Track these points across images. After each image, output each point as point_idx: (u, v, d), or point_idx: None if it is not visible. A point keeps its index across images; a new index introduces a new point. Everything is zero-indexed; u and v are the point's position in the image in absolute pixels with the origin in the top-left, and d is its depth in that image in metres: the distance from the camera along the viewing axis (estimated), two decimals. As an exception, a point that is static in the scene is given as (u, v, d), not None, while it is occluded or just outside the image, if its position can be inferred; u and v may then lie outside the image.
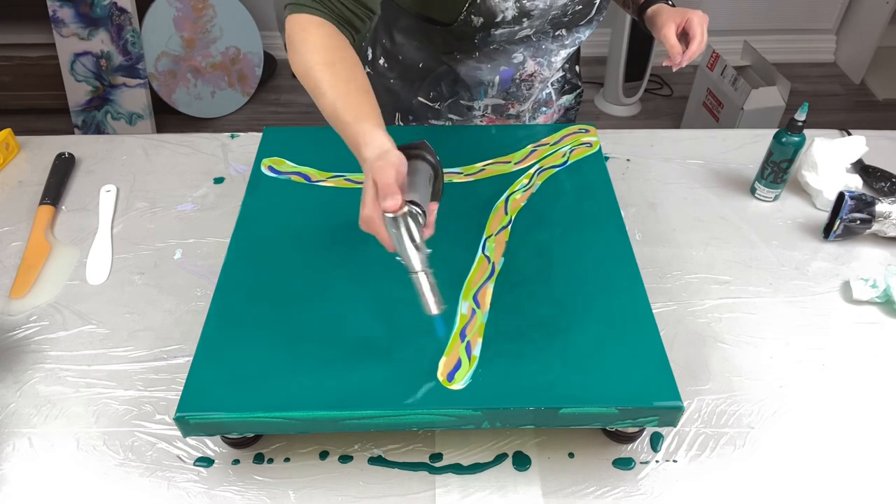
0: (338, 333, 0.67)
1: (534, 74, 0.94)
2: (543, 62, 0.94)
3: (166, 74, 2.40)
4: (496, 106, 0.98)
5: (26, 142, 1.10)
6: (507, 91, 0.96)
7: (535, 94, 0.98)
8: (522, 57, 0.92)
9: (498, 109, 0.98)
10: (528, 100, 0.98)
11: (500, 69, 0.93)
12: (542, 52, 0.93)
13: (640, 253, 0.86)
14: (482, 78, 0.94)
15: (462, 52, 0.91)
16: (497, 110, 0.98)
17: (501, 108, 0.98)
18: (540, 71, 0.94)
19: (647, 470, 0.70)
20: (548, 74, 0.96)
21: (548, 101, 1.02)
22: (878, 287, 0.86)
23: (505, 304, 0.70)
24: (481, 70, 0.93)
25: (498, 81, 0.94)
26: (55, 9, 2.14)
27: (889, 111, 2.67)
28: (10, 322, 0.83)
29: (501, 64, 0.92)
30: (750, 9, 2.80)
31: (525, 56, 0.92)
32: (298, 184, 0.85)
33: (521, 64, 0.93)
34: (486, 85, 0.95)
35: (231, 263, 0.74)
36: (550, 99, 1.02)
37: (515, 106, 0.98)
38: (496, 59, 0.92)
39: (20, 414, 0.74)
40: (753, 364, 0.80)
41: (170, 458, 0.70)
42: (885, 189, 1.02)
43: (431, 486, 0.68)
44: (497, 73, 0.93)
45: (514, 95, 0.97)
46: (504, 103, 0.97)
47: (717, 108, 2.31)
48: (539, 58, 0.93)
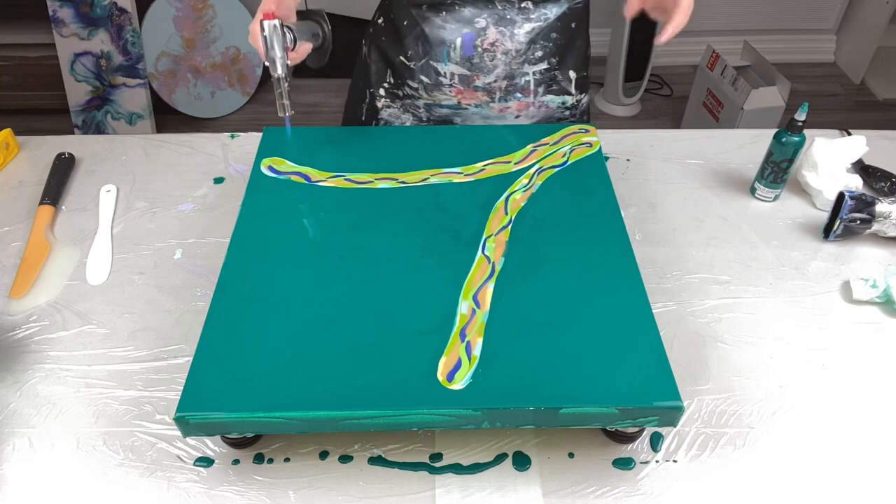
0: (338, 333, 0.67)
1: (495, 44, 0.96)
2: (506, 32, 0.95)
3: (166, 74, 2.41)
4: (462, 76, 0.99)
5: (26, 142, 1.10)
6: (471, 60, 0.97)
7: (501, 70, 0.99)
8: (485, 23, 0.94)
9: (465, 80, 1.00)
10: (493, 72, 0.99)
11: (463, 31, 0.95)
12: (505, 22, 0.95)
13: (640, 253, 0.86)
14: (444, 37, 0.96)
15: (429, 7, 0.95)
16: (464, 81, 1.00)
17: (468, 78, 1.00)
18: (502, 41, 0.96)
19: (647, 470, 0.70)
20: (510, 46, 0.97)
21: (525, 89, 1.02)
22: (878, 287, 0.86)
23: (505, 304, 0.70)
24: (444, 29, 0.96)
25: (460, 44, 0.96)
26: (55, 9, 2.14)
27: (889, 111, 2.67)
28: (10, 322, 0.83)
29: (464, 26, 0.95)
30: (750, 9, 2.80)
31: (488, 22, 0.94)
32: (298, 184, 0.85)
33: (483, 30, 0.95)
34: (448, 46, 0.97)
35: (231, 263, 0.74)
36: (528, 87, 1.02)
37: (481, 77, 0.99)
38: (460, 20, 0.95)
39: (20, 414, 0.74)
40: (753, 364, 0.80)
41: (170, 458, 0.70)
42: (885, 189, 1.02)
43: (431, 486, 0.68)
44: (459, 34, 0.96)
45: (478, 66, 0.98)
46: (469, 74, 0.99)
47: (717, 108, 2.31)
48: (502, 27, 0.95)
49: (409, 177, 0.86)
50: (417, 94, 1.02)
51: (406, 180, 0.85)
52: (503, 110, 1.03)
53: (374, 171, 0.86)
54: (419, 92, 1.02)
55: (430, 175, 0.86)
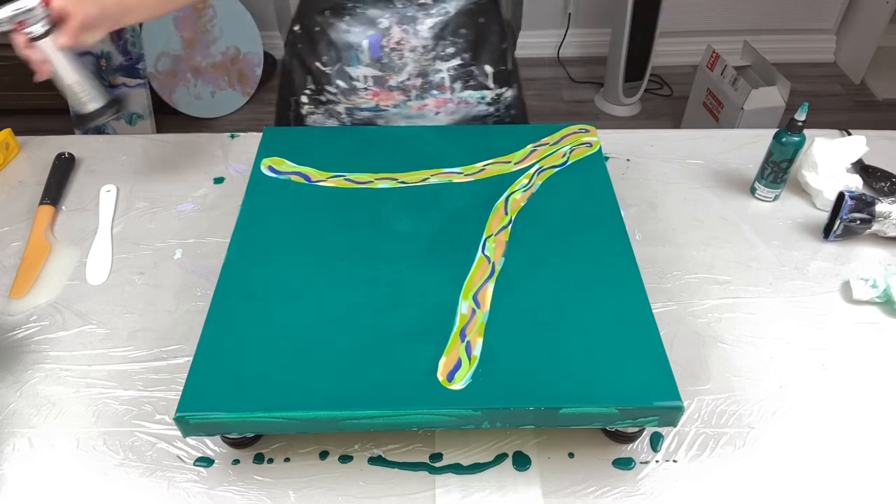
0: (338, 333, 0.67)
1: (401, 42, 0.96)
2: (409, 29, 0.96)
3: (166, 74, 2.41)
4: (376, 78, 1.00)
5: (26, 142, 1.10)
6: (380, 61, 0.98)
7: (412, 67, 0.99)
8: (388, 23, 0.95)
9: (378, 81, 1.00)
10: (404, 70, 0.99)
11: (368, 34, 0.96)
12: (407, 20, 0.96)
13: (640, 253, 0.86)
14: (350, 41, 0.97)
15: (331, 12, 0.96)
16: (378, 82, 1.00)
17: (381, 79, 1.00)
18: (407, 38, 0.96)
19: (647, 470, 0.70)
20: (416, 43, 0.97)
21: (440, 85, 1.02)
22: (878, 287, 0.86)
23: (505, 304, 0.70)
24: (350, 33, 0.97)
25: (367, 46, 0.97)
26: (55, 9, 2.14)
27: (889, 111, 2.67)
28: (10, 322, 0.83)
29: (368, 28, 0.96)
30: (750, 9, 2.80)
31: (391, 22, 0.95)
32: (298, 184, 0.85)
33: (387, 30, 0.96)
34: (355, 49, 0.97)
35: (231, 263, 0.74)
36: (444, 84, 1.02)
37: (393, 77, 1.00)
38: (364, 23, 0.96)
39: (20, 414, 0.74)
40: (753, 364, 0.80)
41: (170, 458, 0.70)
42: (885, 189, 1.02)
43: (431, 486, 0.68)
44: (365, 37, 0.96)
45: (388, 66, 0.99)
46: (382, 74, 1.00)
47: (717, 108, 2.31)
48: (405, 24, 0.96)
49: (409, 177, 0.86)
50: (337, 98, 1.03)
51: (406, 180, 0.85)
52: (421, 108, 1.03)
53: (374, 171, 0.86)
54: (338, 97, 1.02)
55: (430, 175, 0.86)
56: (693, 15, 2.81)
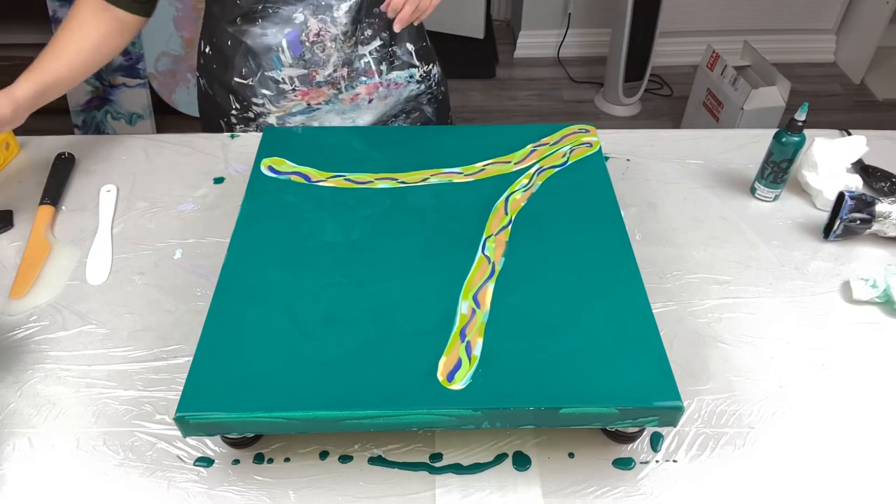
0: (338, 333, 0.67)
1: (320, 33, 0.95)
2: (326, 18, 0.94)
3: (166, 74, 2.40)
4: (301, 77, 0.98)
5: (26, 142, 1.10)
6: (303, 58, 0.96)
7: (336, 58, 0.98)
8: (303, 16, 0.94)
9: (305, 80, 0.99)
10: (329, 62, 0.98)
11: (285, 31, 0.94)
12: (322, 9, 0.94)
13: (640, 253, 0.86)
14: (269, 43, 0.95)
15: (243, 19, 0.94)
16: (304, 81, 0.99)
17: (307, 77, 0.98)
18: (326, 28, 0.95)
19: (647, 470, 0.70)
20: (336, 31, 0.96)
21: (367, 71, 1.01)
22: (878, 287, 0.86)
23: (505, 304, 0.70)
24: (266, 36, 0.95)
25: (286, 45, 0.95)
26: (55, 9, 2.14)
27: (889, 111, 2.67)
28: (10, 322, 0.83)
29: (284, 27, 0.94)
30: (750, 9, 2.80)
31: (305, 15, 0.94)
32: (298, 184, 0.85)
33: (303, 24, 0.94)
34: (276, 51, 0.96)
35: (231, 263, 0.74)
36: (370, 68, 1.01)
37: (319, 71, 0.98)
38: (278, 22, 0.94)
39: (20, 414, 0.74)
40: (753, 364, 0.80)
41: (170, 458, 0.70)
42: (885, 189, 1.02)
43: (431, 486, 0.68)
44: (282, 36, 0.94)
45: (313, 61, 0.97)
46: (306, 71, 0.98)
47: (717, 108, 2.31)
48: (321, 14, 0.94)
49: (409, 177, 0.86)
50: (265, 109, 1.01)
51: (406, 180, 0.85)
52: (354, 98, 1.02)
53: (374, 171, 0.86)
54: (266, 107, 1.01)
55: (430, 175, 0.86)
56: (693, 15, 2.81)
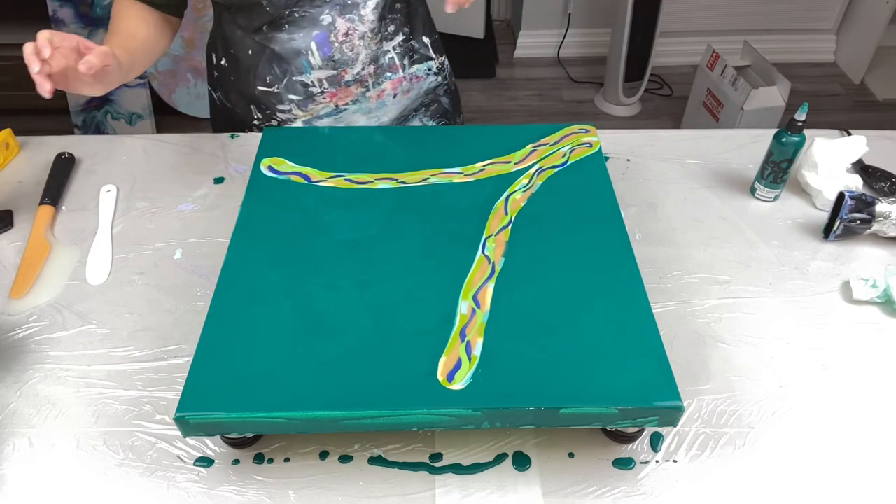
0: (338, 333, 0.67)
1: (349, 32, 0.94)
2: (353, 17, 0.94)
3: (166, 74, 2.40)
4: (330, 78, 0.97)
5: (26, 142, 1.10)
6: (333, 58, 0.96)
7: (364, 56, 0.98)
8: (331, 17, 0.93)
9: (333, 81, 0.98)
10: (358, 60, 0.97)
11: (313, 34, 0.93)
12: (349, 8, 0.93)
13: (640, 253, 0.86)
14: (298, 47, 0.95)
15: (269, 26, 0.93)
16: (333, 82, 0.98)
17: (336, 78, 0.98)
18: (354, 27, 0.94)
19: (647, 470, 0.70)
20: (364, 29, 0.95)
21: (392, 66, 1.01)
22: (878, 287, 0.86)
23: (505, 304, 0.70)
24: (294, 40, 0.94)
25: (315, 48, 0.94)
26: (55, 9, 2.14)
27: (889, 111, 2.67)
28: (10, 322, 0.83)
29: (313, 29, 0.93)
30: (750, 9, 2.80)
31: (333, 15, 0.93)
32: (298, 184, 0.85)
33: (331, 24, 0.93)
34: (305, 54, 0.95)
35: (231, 263, 0.74)
36: (395, 63, 1.01)
37: (348, 71, 0.98)
38: (305, 26, 0.93)
39: (20, 414, 0.74)
40: (753, 364, 0.80)
41: (170, 458, 0.70)
42: (885, 189, 1.02)
43: (431, 486, 0.68)
44: (311, 38, 0.94)
45: (342, 61, 0.97)
46: (336, 72, 0.97)
47: (717, 108, 2.31)
48: (348, 13, 0.93)
49: (409, 177, 0.86)
50: (292, 114, 1.01)
51: (406, 180, 0.85)
52: (380, 95, 1.02)
53: (374, 171, 0.86)
54: (292, 112, 1.00)
55: (430, 175, 0.86)
56: (693, 15, 2.81)
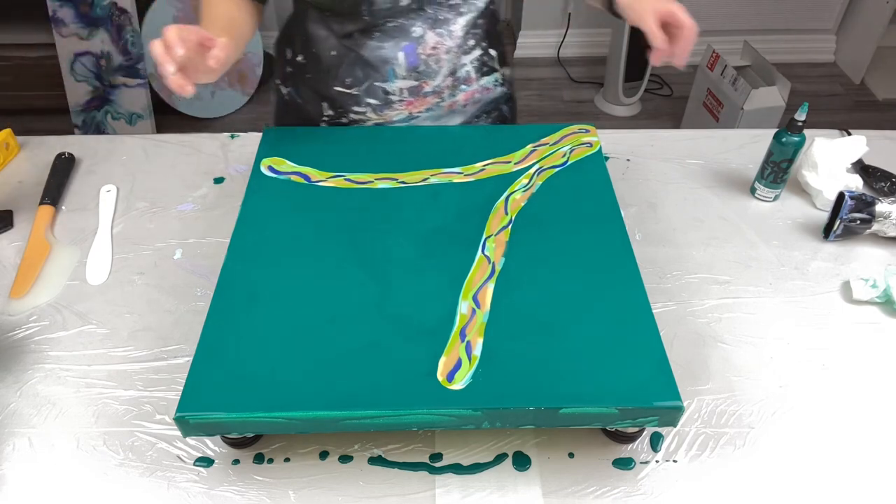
0: (338, 333, 0.67)
1: (437, 46, 0.95)
2: (444, 32, 0.94)
3: (166, 74, 2.40)
4: (412, 88, 0.98)
5: (26, 142, 1.10)
6: (417, 70, 0.96)
7: (446, 69, 0.98)
8: (421, 30, 0.93)
9: (414, 91, 0.98)
10: (439, 74, 0.98)
11: (402, 45, 0.94)
12: (440, 23, 0.94)
13: (640, 253, 0.86)
14: (385, 56, 0.95)
15: (360, 32, 0.93)
16: (413, 92, 0.98)
17: (417, 88, 0.98)
18: (442, 42, 0.95)
19: (647, 470, 0.70)
20: (451, 44, 0.96)
21: (467, 79, 1.01)
22: (878, 287, 0.86)
23: (505, 304, 0.70)
24: (383, 48, 0.94)
25: (402, 58, 0.94)
26: (55, 9, 2.14)
27: (889, 111, 2.67)
28: (10, 322, 0.83)
29: (402, 40, 0.94)
30: (750, 9, 2.80)
31: (424, 29, 0.93)
32: (298, 184, 0.85)
33: (421, 38, 0.94)
34: (392, 63, 0.95)
35: (231, 263, 0.74)
36: (469, 76, 1.01)
37: (429, 83, 0.98)
38: (395, 35, 0.93)
39: (20, 414, 0.74)
40: (753, 364, 0.80)
41: (170, 458, 0.70)
42: (885, 189, 1.02)
43: (431, 486, 0.68)
44: (399, 49, 0.94)
45: (426, 73, 0.97)
46: (418, 83, 0.98)
47: (717, 108, 2.31)
48: (438, 28, 0.94)
49: (409, 177, 0.86)
50: (365, 116, 1.01)
51: (406, 180, 0.85)
52: (452, 105, 1.03)
53: (374, 171, 0.86)
54: (367, 115, 1.00)
55: (430, 175, 0.86)
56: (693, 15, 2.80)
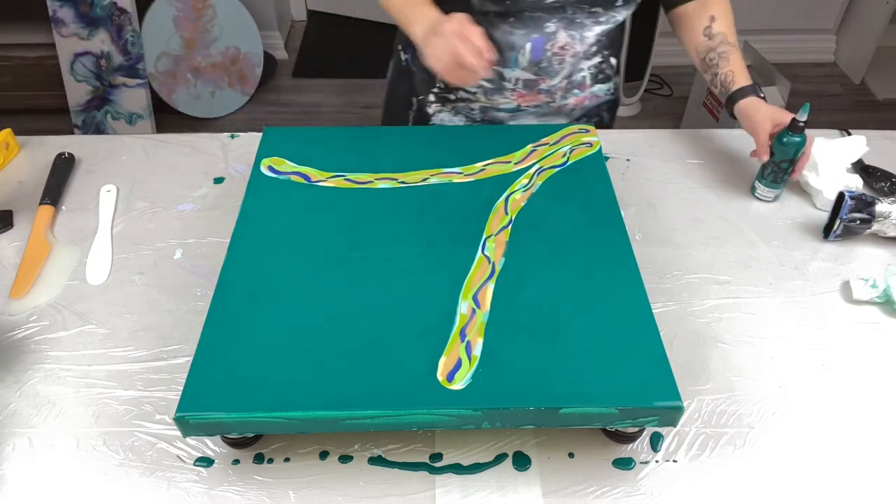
0: (338, 333, 0.67)
1: (565, 47, 0.95)
2: (576, 35, 0.95)
3: (166, 74, 2.41)
4: (528, 81, 0.98)
5: (26, 142, 1.10)
6: (539, 65, 0.97)
7: (566, 71, 0.99)
8: (555, 27, 0.94)
9: (529, 84, 0.99)
10: (559, 75, 0.98)
11: (532, 36, 0.94)
12: (575, 26, 0.94)
13: (640, 253, 0.86)
14: (513, 42, 0.95)
15: (497, 14, 0.93)
16: (528, 85, 0.99)
17: (533, 82, 0.99)
18: (572, 44, 0.95)
19: (647, 470, 0.70)
20: (580, 49, 0.97)
21: (581, 84, 1.02)
22: (878, 287, 0.86)
23: (505, 304, 0.70)
24: (514, 35, 0.94)
25: (529, 49, 0.95)
26: (55, 9, 2.14)
27: (889, 111, 2.67)
28: (10, 322, 0.83)
29: (533, 31, 0.94)
30: (750, 9, 2.80)
31: (558, 27, 0.94)
32: (298, 184, 0.85)
33: (553, 34, 0.94)
34: (517, 51, 0.96)
35: (231, 263, 0.74)
36: (584, 82, 1.02)
37: (546, 81, 0.99)
38: (529, 25, 0.93)
39: (20, 414, 0.74)
40: (753, 364, 0.80)
41: (170, 458, 0.70)
42: (885, 189, 1.02)
43: (431, 486, 0.68)
44: (529, 39, 0.94)
45: (546, 70, 0.97)
46: (535, 78, 0.98)
47: (717, 108, 2.31)
48: (572, 30, 0.94)
49: (409, 177, 0.86)
50: (475, 97, 1.01)
51: (406, 180, 0.85)
52: (560, 109, 1.03)
53: (374, 171, 0.86)
54: (477, 96, 1.01)
55: (430, 175, 0.86)
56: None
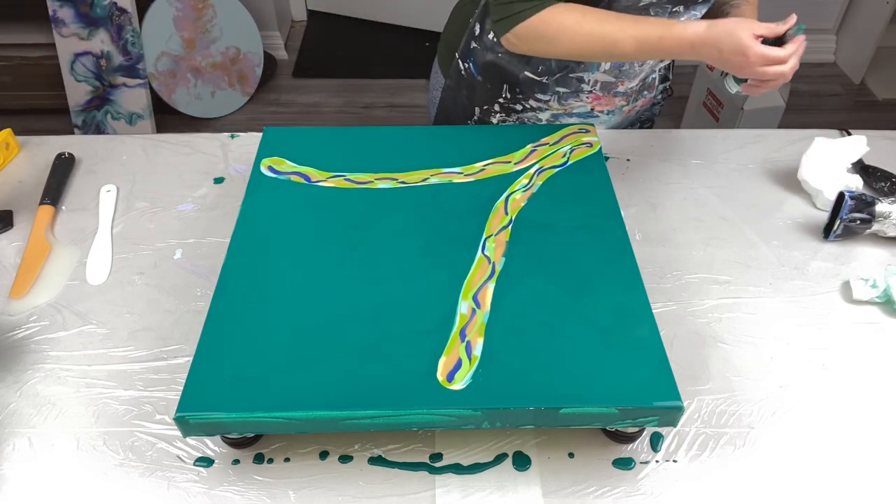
0: (338, 333, 0.67)
1: None
2: None
3: (166, 74, 2.40)
4: (605, 83, 0.98)
5: (26, 142, 1.10)
6: (621, 69, 0.96)
7: (644, 73, 0.98)
8: None
9: (606, 87, 0.98)
10: (637, 77, 0.98)
11: None
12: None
13: (640, 253, 0.86)
14: None
15: None
16: (605, 88, 0.98)
17: (610, 85, 0.98)
18: None
19: (647, 470, 0.70)
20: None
21: (651, 86, 1.02)
22: (878, 287, 0.86)
23: (505, 303, 0.70)
24: None
25: None
26: (55, 9, 2.14)
27: (889, 111, 2.67)
28: (10, 322, 0.83)
29: None
30: (750, 9, 2.79)
31: None
32: (298, 184, 0.85)
33: None
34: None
35: (231, 263, 0.74)
36: (653, 84, 1.01)
37: (624, 83, 0.98)
38: None
39: (20, 414, 0.74)
40: (753, 364, 0.80)
41: (170, 458, 0.70)
42: (885, 189, 1.02)
43: (431, 486, 0.68)
44: None
45: (626, 73, 0.97)
46: (614, 80, 0.98)
47: (717, 108, 2.31)
48: None
49: (409, 177, 0.86)
50: (546, 105, 1.00)
51: (406, 180, 0.85)
52: (629, 111, 1.03)
53: (374, 171, 0.86)
54: (549, 104, 1.00)
55: (430, 175, 0.86)
56: (693, 15, 2.80)
